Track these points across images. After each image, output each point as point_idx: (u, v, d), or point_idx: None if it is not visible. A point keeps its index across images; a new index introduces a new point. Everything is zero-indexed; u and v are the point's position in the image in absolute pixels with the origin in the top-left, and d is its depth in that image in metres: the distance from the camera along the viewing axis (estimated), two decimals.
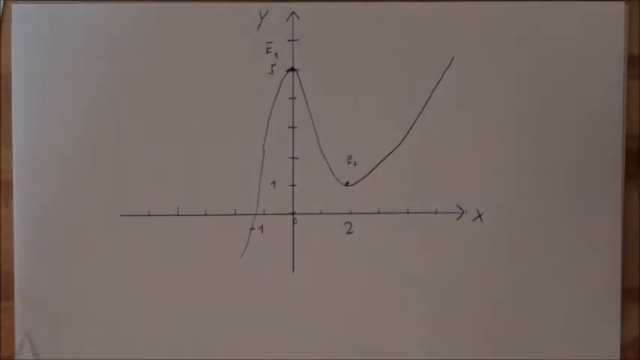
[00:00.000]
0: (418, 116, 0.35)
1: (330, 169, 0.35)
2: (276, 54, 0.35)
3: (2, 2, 0.35)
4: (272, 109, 0.35)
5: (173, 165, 0.35)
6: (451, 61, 0.35)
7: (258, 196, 0.35)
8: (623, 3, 0.35)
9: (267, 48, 0.35)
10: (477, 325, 0.35)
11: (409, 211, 0.35)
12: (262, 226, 0.35)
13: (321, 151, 0.35)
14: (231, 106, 0.35)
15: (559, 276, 0.35)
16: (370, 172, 0.35)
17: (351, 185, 0.35)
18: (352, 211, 0.35)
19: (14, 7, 0.35)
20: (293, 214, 0.35)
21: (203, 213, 0.35)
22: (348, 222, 0.35)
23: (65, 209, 0.35)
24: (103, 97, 0.35)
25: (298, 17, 0.35)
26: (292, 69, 0.35)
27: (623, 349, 0.36)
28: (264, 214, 0.35)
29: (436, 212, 0.35)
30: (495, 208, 0.35)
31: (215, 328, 0.35)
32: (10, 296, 0.35)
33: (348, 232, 0.35)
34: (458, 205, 0.35)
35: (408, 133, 0.35)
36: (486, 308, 0.35)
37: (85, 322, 0.35)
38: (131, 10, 0.35)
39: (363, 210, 0.35)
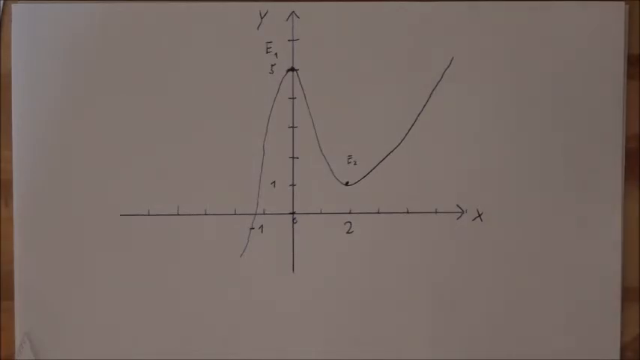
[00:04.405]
0: (418, 116, 0.35)
1: (330, 168, 0.35)
2: (276, 54, 0.35)
3: (2, 2, 0.35)
4: (272, 109, 0.35)
5: (173, 165, 0.35)
6: (451, 61, 0.35)
7: (258, 195, 0.35)
8: (623, 3, 0.35)
9: (267, 48, 0.35)
10: (476, 324, 0.35)
11: (409, 211, 0.35)
12: (262, 226, 0.35)
13: (321, 151, 0.35)
14: (231, 106, 0.35)
15: (559, 276, 0.35)
16: (370, 172, 0.35)
17: (351, 185, 0.35)
18: (352, 211, 0.35)
19: (14, 7, 0.35)
20: (293, 213, 0.35)
21: (203, 213, 0.35)
22: (348, 222, 0.35)
23: (65, 209, 0.35)
24: (103, 97, 0.35)
25: (298, 17, 0.35)
26: (292, 69, 0.35)
27: (623, 349, 0.36)
28: (264, 213, 0.35)
29: (436, 212, 0.35)
30: (495, 208, 0.35)
31: (215, 327, 0.35)
32: (10, 296, 0.35)
33: (348, 232, 0.35)
34: (458, 205, 0.35)
35: (408, 133, 0.35)
36: (486, 308, 0.35)
37: (85, 322, 0.35)
38: (131, 10, 0.35)
39: (363, 210, 0.35)
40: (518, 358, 0.35)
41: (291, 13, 0.35)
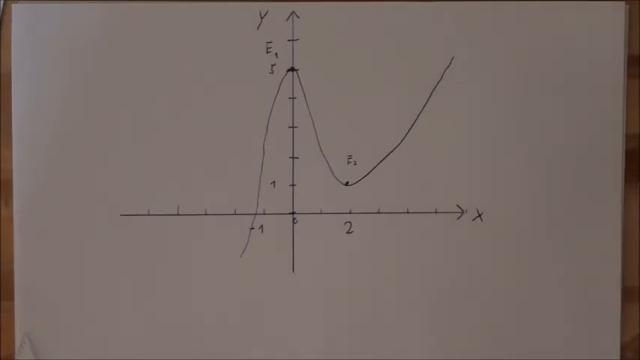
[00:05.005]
0: (418, 116, 0.35)
1: (330, 169, 0.35)
2: (276, 54, 0.35)
3: (2, 2, 0.35)
4: (272, 109, 0.35)
5: (173, 165, 0.35)
6: (451, 61, 0.35)
7: (258, 195, 0.35)
8: (623, 3, 0.35)
9: (267, 48, 0.35)
10: (476, 324, 0.35)
11: (409, 211, 0.35)
12: (262, 226, 0.35)
13: (321, 151, 0.35)
14: (231, 106, 0.35)
15: (559, 276, 0.35)
16: (370, 172, 0.35)
17: (351, 185, 0.35)
18: (352, 211, 0.35)
19: (14, 7, 0.35)
20: (293, 213, 0.35)
21: (203, 213, 0.35)
22: (348, 222, 0.35)
23: (65, 209, 0.35)
24: (103, 97, 0.35)
25: (298, 17, 0.35)
26: (292, 69, 0.35)
27: (623, 349, 0.36)
28: (264, 213, 0.35)
29: (436, 212, 0.35)
30: (495, 208, 0.35)
31: (215, 327, 0.35)
32: (10, 296, 0.35)
33: (348, 232, 0.35)
34: (458, 205, 0.35)
35: (408, 133, 0.35)
36: (486, 308, 0.35)
37: (85, 322, 0.35)
38: (131, 10, 0.35)
39: (363, 210, 0.35)
40: (518, 358, 0.35)
41: (291, 13, 0.35)
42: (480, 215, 0.35)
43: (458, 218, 0.35)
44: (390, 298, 0.35)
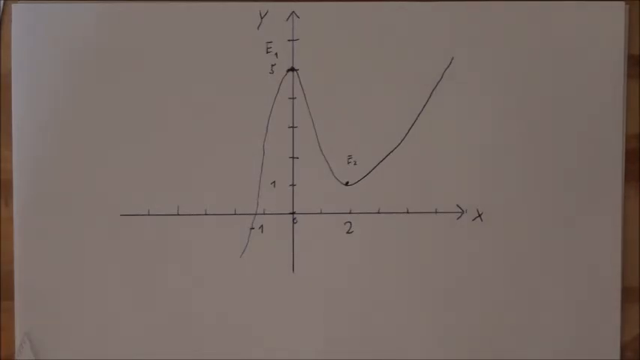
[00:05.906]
0: (418, 116, 0.35)
1: (330, 168, 0.35)
2: (276, 54, 0.35)
3: (2, 2, 0.35)
4: (272, 109, 0.35)
5: (173, 165, 0.35)
6: (451, 61, 0.35)
7: (258, 195, 0.35)
8: (623, 3, 0.35)
9: (267, 48, 0.35)
10: (476, 324, 0.35)
11: (409, 211, 0.35)
12: (262, 226, 0.35)
13: (321, 151, 0.35)
14: (231, 106, 0.35)
15: (559, 276, 0.35)
16: (370, 172, 0.35)
17: (351, 185, 0.35)
18: (352, 211, 0.35)
19: (14, 7, 0.35)
20: (293, 213, 0.35)
21: (203, 213, 0.35)
22: (348, 222, 0.35)
23: (65, 209, 0.35)
24: (103, 97, 0.35)
25: (298, 17, 0.35)
26: (292, 69, 0.35)
27: (623, 349, 0.36)
28: (264, 213, 0.35)
29: (436, 212, 0.35)
30: (495, 208, 0.35)
31: (215, 327, 0.35)
32: (10, 296, 0.35)
33: (348, 232, 0.35)
34: (458, 205, 0.35)
35: (408, 133, 0.35)
36: (486, 308, 0.35)
37: (85, 322, 0.35)
38: (131, 10, 0.35)
39: (363, 210, 0.35)
40: (518, 358, 0.35)
41: (291, 13, 0.35)
42: (479, 215, 0.35)
43: (458, 218, 0.35)
44: (390, 298, 0.35)
